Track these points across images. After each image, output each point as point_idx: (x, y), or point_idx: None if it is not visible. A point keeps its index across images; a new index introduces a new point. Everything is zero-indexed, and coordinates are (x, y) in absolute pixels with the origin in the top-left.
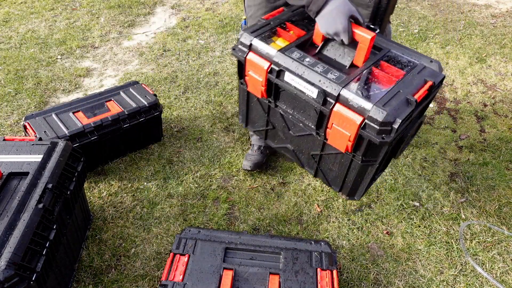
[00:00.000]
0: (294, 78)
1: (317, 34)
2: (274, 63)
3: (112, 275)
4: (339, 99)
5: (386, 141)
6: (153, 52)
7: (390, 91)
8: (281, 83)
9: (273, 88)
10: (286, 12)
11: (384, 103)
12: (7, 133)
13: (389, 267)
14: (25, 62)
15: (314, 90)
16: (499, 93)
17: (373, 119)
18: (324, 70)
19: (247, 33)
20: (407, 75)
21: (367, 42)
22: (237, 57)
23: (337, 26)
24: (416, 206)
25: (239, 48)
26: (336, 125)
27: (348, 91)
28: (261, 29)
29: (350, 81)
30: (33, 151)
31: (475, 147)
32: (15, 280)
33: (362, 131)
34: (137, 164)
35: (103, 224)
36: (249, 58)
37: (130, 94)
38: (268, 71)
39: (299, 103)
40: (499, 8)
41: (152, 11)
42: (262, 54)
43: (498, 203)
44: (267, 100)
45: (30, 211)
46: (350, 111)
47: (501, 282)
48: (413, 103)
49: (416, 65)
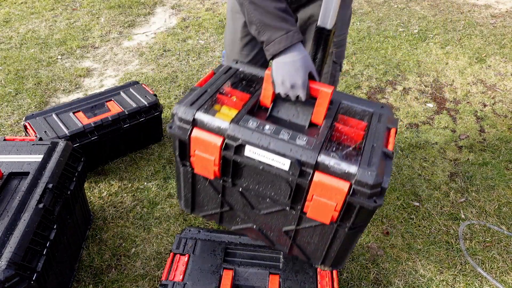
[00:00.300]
0: (257, 152)
1: (266, 95)
2: (229, 138)
3: (112, 275)
4: (318, 167)
5: (380, 204)
6: (153, 52)
7: (365, 147)
8: (242, 159)
9: (230, 166)
10: (219, 74)
11: (367, 163)
12: (7, 133)
13: (389, 267)
14: (26, 62)
15: (285, 162)
16: (499, 93)
17: (362, 183)
18: (291, 136)
19: (186, 107)
20: (370, 126)
21: (327, 97)
22: (176, 136)
23: (295, 79)
24: (416, 206)
25: (179, 126)
26: (317, 196)
27: (326, 156)
28: (199, 99)
29: (323, 143)
30: (34, 151)
31: (475, 147)
32: (16, 280)
33: (351, 198)
34: (137, 164)
35: (103, 224)
36: (195, 136)
37: (130, 94)
38: (222, 147)
39: (265, 178)
40: (499, 8)
41: (152, 11)
42: (211, 128)
43: (498, 203)
44: (221, 180)
45: (31, 211)
46: (333, 178)
47: (501, 281)
48: (391, 155)
49: (372, 113)
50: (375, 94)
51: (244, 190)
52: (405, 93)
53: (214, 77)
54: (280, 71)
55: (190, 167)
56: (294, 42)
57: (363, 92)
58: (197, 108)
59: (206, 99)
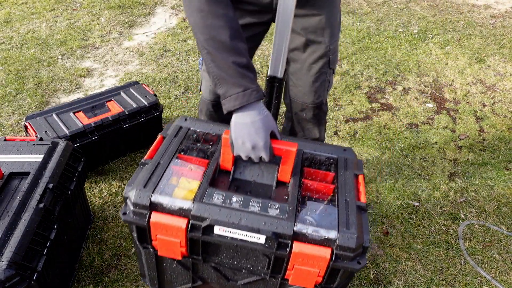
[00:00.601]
0: (228, 230)
1: (225, 159)
2: (194, 218)
3: (113, 275)
4: (296, 237)
5: (364, 264)
6: (154, 52)
7: (339, 204)
8: (212, 238)
9: (200, 246)
10: (169, 139)
11: (346, 225)
12: (8, 133)
13: (388, 267)
14: (26, 63)
15: (260, 237)
16: (498, 93)
17: (343, 247)
18: (261, 207)
19: (139, 190)
20: (339, 176)
21: (292, 156)
22: (133, 223)
23: (257, 140)
24: (416, 206)
25: (134, 211)
26: (299, 265)
27: (302, 224)
28: (153, 176)
29: (296, 209)
30: (34, 151)
31: (474, 147)
32: (16, 280)
33: (334, 263)
34: (137, 164)
35: (103, 224)
36: (155, 221)
37: (130, 94)
38: (187, 229)
39: (240, 251)
40: (498, 9)
41: (153, 11)
42: (172, 211)
43: (497, 202)
44: (190, 258)
45: (31, 211)
46: (314, 246)
47: (500, 281)
48: (365, 208)
49: (336, 160)
50: (375, 94)
51: (217, 265)
52: (405, 93)
53: (164, 143)
54: (240, 132)
55: (153, 249)
56: (251, 101)
57: (363, 92)
58: (152, 189)
59: (160, 175)
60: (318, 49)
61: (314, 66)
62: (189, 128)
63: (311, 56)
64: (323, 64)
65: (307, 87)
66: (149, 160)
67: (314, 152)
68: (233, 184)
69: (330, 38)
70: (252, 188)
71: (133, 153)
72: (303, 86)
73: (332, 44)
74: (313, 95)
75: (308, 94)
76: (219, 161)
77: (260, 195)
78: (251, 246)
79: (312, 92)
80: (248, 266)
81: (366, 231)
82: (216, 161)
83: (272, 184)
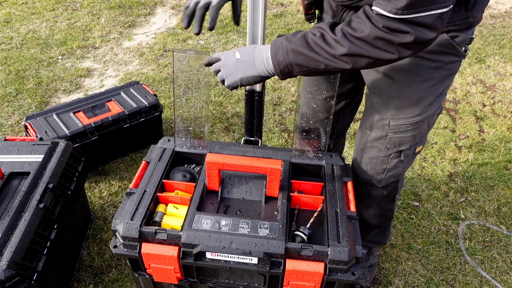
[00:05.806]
0: (220, 254)
1: (212, 181)
2: (184, 246)
3: (113, 275)
4: (288, 255)
5: (359, 274)
6: (154, 52)
7: (329, 216)
8: (204, 263)
9: (194, 270)
10: (153, 164)
11: (336, 238)
12: (8, 133)
13: (389, 267)
14: (26, 63)
15: (252, 258)
16: (498, 93)
17: (336, 261)
18: (251, 228)
19: (127, 222)
20: (326, 185)
21: (278, 174)
22: (125, 256)
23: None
24: (416, 205)
25: (124, 244)
26: (294, 281)
27: (293, 241)
28: (139, 206)
29: (286, 226)
30: (34, 151)
31: (474, 147)
32: (16, 280)
33: (329, 277)
34: (137, 164)
35: (103, 224)
36: (146, 252)
37: (130, 94)
38: (179, 256)
39: (235, 272)
40: (498, 9)
41: (153, 11)
42: (162, 240)
43: (497, 202)
44: (187, 281)
45: (31, 211)
46: (307, 262)
47: (500, 281)
48: (355, 217)
49: (322, 167)
50: None
51: (214, 285)
52: None
53: (149, 169)
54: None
55: (149, 276)
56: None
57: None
58: (140, 220)
59: (147, 204)
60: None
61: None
62: (173, 149)
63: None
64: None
65: None
66: (135, 189)
67: (302, 161)
68: (222, 204)
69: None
70: (241, 206)
71: (133, 153)
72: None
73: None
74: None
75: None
76: (205, 183)
77: (250, 212)
78: (245, 267)
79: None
80: (245, 284)
81: (358, 241)
82: (203, 182)
83: (261, 200)
